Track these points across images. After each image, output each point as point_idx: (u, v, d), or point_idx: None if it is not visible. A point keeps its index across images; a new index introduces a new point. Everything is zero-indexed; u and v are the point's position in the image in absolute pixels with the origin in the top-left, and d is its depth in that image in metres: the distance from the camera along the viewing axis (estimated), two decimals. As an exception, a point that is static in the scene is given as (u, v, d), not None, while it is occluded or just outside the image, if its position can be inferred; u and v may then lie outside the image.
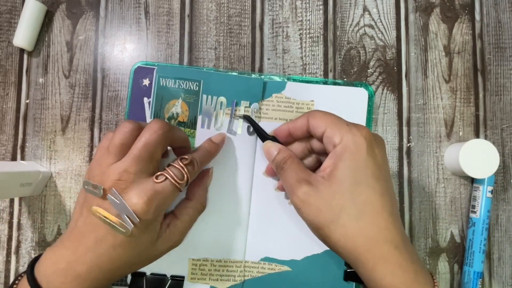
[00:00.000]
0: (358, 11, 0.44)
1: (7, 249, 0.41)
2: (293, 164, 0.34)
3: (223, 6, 0.44)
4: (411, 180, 0.43)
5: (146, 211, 0.30)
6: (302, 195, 0.32)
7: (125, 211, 0.30)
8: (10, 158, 0.42)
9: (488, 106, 0.44)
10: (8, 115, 0.43)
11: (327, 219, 0.31)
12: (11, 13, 0.43)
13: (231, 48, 0.44)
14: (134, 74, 0.41)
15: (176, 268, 0.39)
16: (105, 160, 0.31)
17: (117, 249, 0.31)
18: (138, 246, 0.32)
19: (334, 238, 0.31)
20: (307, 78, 0.43)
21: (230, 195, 0.40)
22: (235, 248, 0.40)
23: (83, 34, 0.43)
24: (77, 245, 0.31)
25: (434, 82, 0.44)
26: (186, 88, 0.40)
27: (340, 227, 0.30)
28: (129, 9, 0.44)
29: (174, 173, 0.32)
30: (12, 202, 0.42)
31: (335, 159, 0.31)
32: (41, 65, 0.43)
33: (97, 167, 0.32)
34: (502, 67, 0.44)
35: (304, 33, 0.44)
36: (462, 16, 0.44)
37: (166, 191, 0.31)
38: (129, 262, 0.32)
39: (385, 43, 0.44)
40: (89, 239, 0.30)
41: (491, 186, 0.41)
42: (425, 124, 0.43)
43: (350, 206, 0.30)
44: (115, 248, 0.30)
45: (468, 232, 0.42)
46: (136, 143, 0.31)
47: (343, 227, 0.30)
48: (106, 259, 0.31)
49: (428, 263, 0.42)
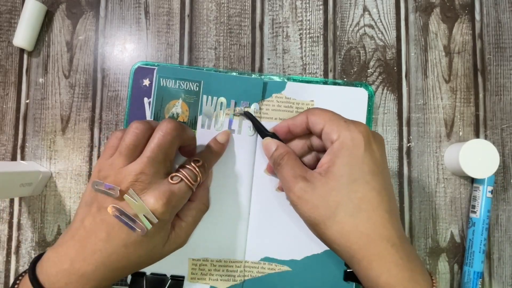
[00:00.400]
0: (358, 11, 0.44)
1: (7, 249, 0.41)
2: (290, 160, 0.34)
3: (223, 6, 0.44)
4: (411, 180, 0.43)
5: (164, 212, 0.31)
6: (298, 191, 0.31)
7: (143, 211, 0.30)
8: (10, 158, 0.42)
9: (488, 106, 0.44)
10: (8, 115, 0.43)
11: (323, 216, 0.30)
12: (11, 13, 0.43)
13: (231, 48, 0.44)
14: (134, 74, 0.41)
15: (176, 268, 0.39)
16: (117, 161, 0.31)
17: (129, 248, 0.31)
18: (149, 246, 0.32)
19: (330, 235, 0.30)
20: (307, 78, 0.43)
21: (230, 195, 0.40)
22: (235, 248, 0.40)
23: (83, 34, 0.43)
24: (84, 244, 0.31)
25: (434, 82, 0.44)
26: (186, 89, 0.40)
27: (336, 223, 0.30)
28: (129, 9, 0.44)
29: (189, 174, 0.33)
30: (12, 202, 0.42)
31: (332, 155, 0.31)
32: (41, 65, 0.43)
33: (109, 168, 0.32)
34: (502, 67, 0.44)
35: (304, 33, 0.44)
36: (462, 16, 0.44)
37: (182, 192, 0.32)
38: (136, 261, 0.32)
39: (385, 43, 0.44)
40: (98, 238, 0.30)
41: (491, 186, 0.41)
42: (425, 124, 0.43)
43: (346, 203, 0.30)
44: (127, 247, 0.31)
45: (468, 232, 0.42)
46: (150, 144, 0.32)
47: (339, 223, 0.30)
48: (115, 257, 0.31)
49: (428, 263, 0.42)
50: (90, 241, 0.30)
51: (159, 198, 0.30)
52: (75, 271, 0.30)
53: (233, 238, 0.40)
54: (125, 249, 0.31)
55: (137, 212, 0.30)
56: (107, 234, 0.30)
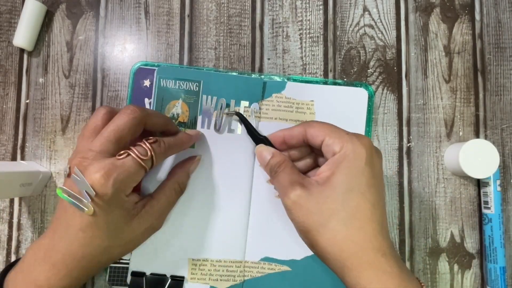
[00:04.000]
0: (358, 11, 0.44)
1: (7, 249, 0.41)
2: (287, 168, 0.34)
3: (223, 6, 0.44)
4: (411, 180, 0.43)
5: (102, 184, 0.30)
6: (294, 196, 0.32)
7: (85, 187, 0.30)
8: (10, 158, 0.42)
9: (488, 106, 0.44)
10: (8, 115, 0.43)
11: (317, 222, 0.31)
12: (11, 13, 0.43)
13: (231, 48, 0.44)
14: (134, 75, 0.41)
15: (176, 268, 0.39)
16: (81, 143, 0.33)
17: (86, 232, 0.31)
18: (106, 226, 0.31)
19: (322, 242, 0.31)
20: (307, 78, 0.43)
21: (230, 195, 0.40)
22: (235, 248, 0.40)
23: (83, 34, 0.43)
24: (53, 233, 0.31)
25: (434, 82, 0.44)
26: (186, 89, 0.40)
27: (328, 231, 0.30)
28: (129, 9, 0.44)
29: (137, 149, 0.32)
30: (12, 202, 0.42)
31: (332, 166, 0.32)
32: (41, 65, 0.43)
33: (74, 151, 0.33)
34: (502, 67, 0.44)
35: (304, 33, 0.44)
36: (462, 16, 0.44)
37: (127, 165, 0.31)
38: (102, 246, 0.32)
39: (385, 43, 0.44)
40: (61, 224, 0.31)
41: (499, 180, 0.41)
42: (425, 124, 0.43)
43: (340, 211, 0.30)
44: (84, 231, 0.31)
45: (485, 229, 0.41)
46: (107, 126, 0.32)
47: (332, 231, 0.30)
48: (77, 244, 0.31)
49: (428, 263, 0.42)
50: (57, 229, 0.31)
51: (97, 171, 0.30)
52: (47, 260, 0.31)
53: (233, 238, 0.40)
54: (83, 233, 0.31)
55: (81, 189, 0.30)
56: (65, 220, 0.31)
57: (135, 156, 0.31)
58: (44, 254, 0.31)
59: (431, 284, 0.42)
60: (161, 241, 0.39)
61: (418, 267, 0.42)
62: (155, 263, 0.39)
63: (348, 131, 0.33)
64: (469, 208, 0.43)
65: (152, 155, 0.32)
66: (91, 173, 0.30)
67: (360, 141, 0.32)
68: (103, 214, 0.31)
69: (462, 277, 0.42)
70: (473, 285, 0.42)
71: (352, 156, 0.31)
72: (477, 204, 0.43)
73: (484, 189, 0.41)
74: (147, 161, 0.32)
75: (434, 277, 0.42)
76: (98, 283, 0.41)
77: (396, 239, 0.42)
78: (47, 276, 0.31)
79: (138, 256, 0.39)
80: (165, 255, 0.39)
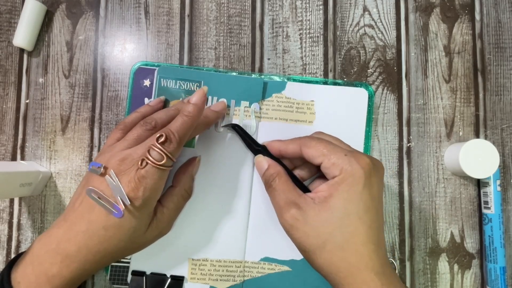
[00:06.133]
0: (358, 11, 0.44)
1: (7, 249, 0.41)
2: (281, 184, 0.34)
3: (223, 6, 0.44)
4: (411, 180, 0.43)
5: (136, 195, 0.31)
6: (290, 219, 0.32)
7: (119, 193, 0.30)
8: (10, 158, 0.42)
9: (488, 106, 0.44)
10: (8, 115, 0.42)
11: (314, 245, 0.32)
12: (11, 13, 0.43)
13: (231, 48, 0.44)
14: (134, 75, 0.41)
15: (176, 268, 0.39)
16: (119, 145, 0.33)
17: (108, 231, 0.31)
18: (128, 230, 0.32)
19: (319, 263, 0.32)
20: (307, 78, 0.43)
21: (230, 195, 0.40)
22: (235, 248, 0.40)
23: (83, 34, 0.43)
24: (71, 225, 0.31)
25: (434, 82, 0.44)
26: (187, 89, 0.40)
27: (325, 253, 0.31)
28: (129, 9, 0.44)
29: (153, 156, 0.32)
30: (12, 202, 0.42)
31: (330, 187, 0.32)
32: (41, 65, 0.43)
33: (108, 150, 0.33)
34: (502, 67, 0.44)
35: (304, 33, 0.44)
36: (462, 16, 0.44)
37: (150, 174, 0.31)
38: (118, 245, 0.32)
39: (385, 43, 0.44)
40: (83, 219, 0.31)
41: (499, 180, 0.41)
42: (425, 124, 0.43)
43: (337, 236, 0.31)
44: (107, 229, 0.31)
45: (485, 229, 0.41)
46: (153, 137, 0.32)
47: (328, 253, 0.31)
48: (96, 239, 0.31)
49: (428, 263, 0.42)
50: (77, 223, 0.31)
51: (130, 181, 0.31)
52: (60, 251, 0.31)
53: (233, 238, 0.40)
54: (104, 232, 0.31)
55: (114, 193, 0.30)
56: (89, 216, 0.31)
57: (153, 164, 0.31)
58: (57, 245, 0.31)
59: (431, 284, 0.42)
60: (161, 241, 0.39)
61: (418, 267, 0.42)
62: (155, 262, 0.39)
63: (346, 150, 0.33)
64: (469, 208, 0.43)
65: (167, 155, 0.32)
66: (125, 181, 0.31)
67: (359, 163, 0.32)
68: (129, 219, 0.31)
69: (462, 277, 0.42)
70: (473, 285, 0.42)
71: (350, 180, 0.32)
72: (477, 204, 0.43)
73: (484, 189, 0.42)
74: (166, 163, 0.32)
75: (434, 277, 0.42)
76: (98, 283, 0.41)
77: (396, 239, 0.42)
78: (59, 267, 0.31)
79: (138, 256, 0.39)
80: (165, 254, 0.39)
